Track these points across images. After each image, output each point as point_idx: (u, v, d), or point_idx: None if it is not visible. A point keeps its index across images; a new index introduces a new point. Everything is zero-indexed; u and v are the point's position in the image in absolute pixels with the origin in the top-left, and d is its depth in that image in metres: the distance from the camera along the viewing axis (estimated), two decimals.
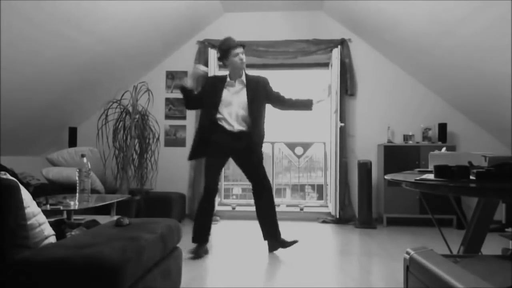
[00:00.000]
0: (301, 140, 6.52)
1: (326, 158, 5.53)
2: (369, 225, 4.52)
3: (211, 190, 3.13)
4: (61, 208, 2.53)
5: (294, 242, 3.32)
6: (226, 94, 3.19)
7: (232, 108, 3.17)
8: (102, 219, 2.47)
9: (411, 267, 1.39)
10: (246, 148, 3.19)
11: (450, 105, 4.93)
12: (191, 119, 5.20)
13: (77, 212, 2.80)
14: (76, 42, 3.68)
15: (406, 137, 4.83)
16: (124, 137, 4.27)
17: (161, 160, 4.73)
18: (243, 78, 3.26)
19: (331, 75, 5.04)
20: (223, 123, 3.16)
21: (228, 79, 3.25)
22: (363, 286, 2.46)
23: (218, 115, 3.16)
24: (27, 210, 1.47)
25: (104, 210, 3.12)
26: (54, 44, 3.50)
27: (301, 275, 2.73)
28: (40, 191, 3.22)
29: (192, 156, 3.30)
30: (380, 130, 4.95)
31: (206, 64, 5.05)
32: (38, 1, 2.95)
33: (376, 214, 4.85)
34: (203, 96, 3.28)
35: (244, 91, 3.22)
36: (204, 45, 5.14)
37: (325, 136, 5.49)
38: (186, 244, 3.51)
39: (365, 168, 4.62)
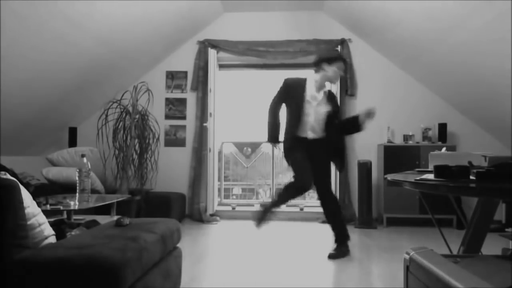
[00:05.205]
0: None
1: None
2: (369, 225, 4.51)
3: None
4: (61, 208, 2.53)
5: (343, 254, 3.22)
6: (308, 106, 3.19)
7: (310, 119, 3.19)
8: (102, 219, 2.47)
9: (411, 267, 1.39)
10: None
11: (450, 105, 4.94)
12: (191, 119, 5.20)
13: (77, 212, 2.80)
14: (75, 41, 3.68)
15: (406, 137, 4.83)
16: (124, 137, 4.27)
17: (161, 160, 4.73)
18: (326, 91, 3.28)
19: None
20: (301, 133, 3.21)
21: (309, 88, 3.22)
22: (363, 286, 2.46)
23: (300, 127, 3.19)
24: (27, 210, 1.47)
25: (104, 210, 3.12)
26: (54, 45, 3.50)
27: (301, 275, 2.73)
28: (40, 191, 3.22)
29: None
30: (380, 130, 4.95)
31: (206, 64, 5.06)
32: (39, 1, 2.95)
33: (376, 214, 4.85)
34: (286, 102, 3.26)
35: (324, 105, 3.23)
36: (204, 45, 5.14)
37: None
38: (186, 244, 3.51)
39: (365, 168, 4.62)
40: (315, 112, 3.20)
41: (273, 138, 3.29)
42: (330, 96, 3.30)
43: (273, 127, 3.27)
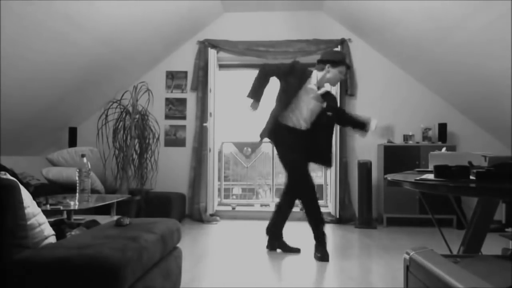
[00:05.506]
0: None
1: None
2: (369, 225, 4.51)
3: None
4: (61, 208, 2.53)
5: (296, 250, 3.38)
6: (304, 94, 3.24)
7: (303, 110, 3.25)
8: (102, 219, 2.47)
9: (411, 267, 1.39)
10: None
11: (450, 105, 4.94)
12: (191, 119, 5.20)
13: (77, 212, 2.80)
14: (75, 41, 3.68)
15: (406, 137, 4.83)
16: (124, 137, 4.27)
17: (161, 160, 4.73)
18: (324, 90, 3.31)
19: None
20: (288, 121, 3.26)
21: (312, 81, 3.28)
22: (363, 286, 2.46)
23: (286, 111, 3.23)
24: (27, 210, 1.47)
25: (104, 210, 3.12)
26: (53, 45, 3.50)
27: (300, 275, 2.73)
28: (40, 191, 3.22)
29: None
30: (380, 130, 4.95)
31: (206, 64, 5.06)
32: (37, 1, 2.95)
33: (376, 214, 4.85)
34: (281, 81, 3.29)
35: (319, 102, 3.29)
36: (204, 45, 5.14)
37: None
38: (186, 244, 3.51)
39: (365, 168, 4.62)
40: (308, 104, 3.24)
41: (255, 93, 3.24)
42: (329, 97, 3.32)
43: (259, 84, 3.24)
